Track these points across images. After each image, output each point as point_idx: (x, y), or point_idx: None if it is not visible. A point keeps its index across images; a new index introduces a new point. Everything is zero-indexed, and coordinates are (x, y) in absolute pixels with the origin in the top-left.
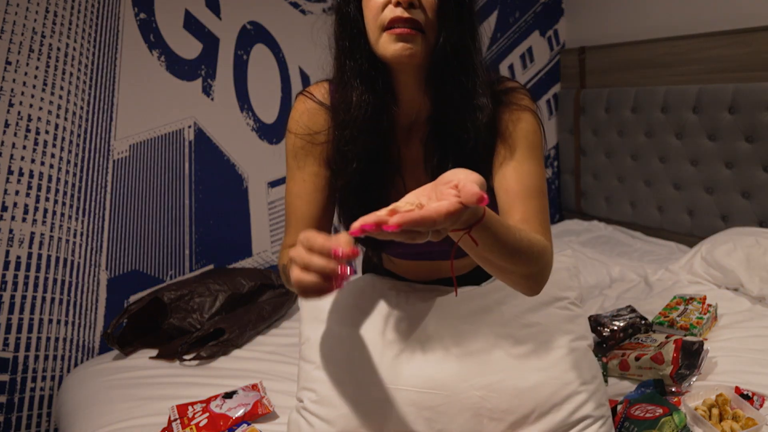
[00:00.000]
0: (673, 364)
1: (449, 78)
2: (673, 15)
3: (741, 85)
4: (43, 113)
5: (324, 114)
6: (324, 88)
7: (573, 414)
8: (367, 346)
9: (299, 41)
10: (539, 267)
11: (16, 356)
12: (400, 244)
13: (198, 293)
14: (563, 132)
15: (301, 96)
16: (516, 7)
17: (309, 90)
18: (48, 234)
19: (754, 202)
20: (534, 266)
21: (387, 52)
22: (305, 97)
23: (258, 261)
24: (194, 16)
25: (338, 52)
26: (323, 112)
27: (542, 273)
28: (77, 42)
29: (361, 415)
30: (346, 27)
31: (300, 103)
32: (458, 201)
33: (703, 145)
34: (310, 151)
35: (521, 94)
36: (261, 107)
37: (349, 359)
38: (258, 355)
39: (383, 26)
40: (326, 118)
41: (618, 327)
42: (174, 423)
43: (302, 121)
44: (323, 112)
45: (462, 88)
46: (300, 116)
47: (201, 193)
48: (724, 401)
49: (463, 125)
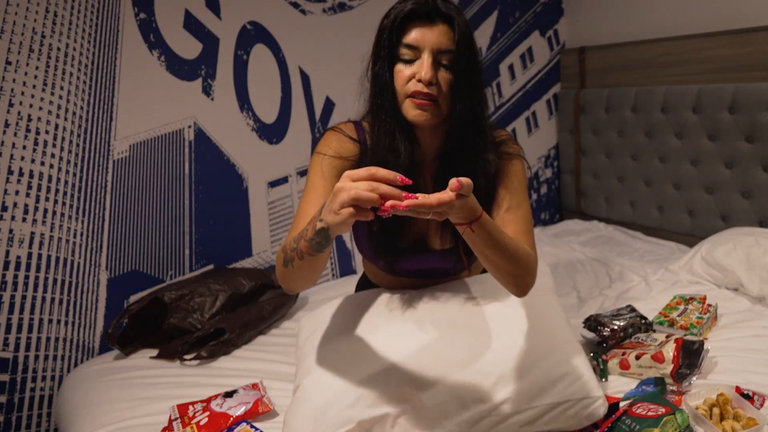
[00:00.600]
0: (673, 363)
1: (460, 135)
2: (673, 15)
3: (741, 85)
4: (43, 113)
5: (351, 145)
6: (350, 126)
7: (556, 368)
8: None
9: (299, 41)
10: (525, 269)
11: (16, 356)
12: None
13: (198, 293)
14: (563, 132)
15: (331, 130)
16: (516, 7)
17: (339, 127)
18: (48, 234)
19: (754, 202)
20: (520, 267)
21: (408, 115)
22: (335, 131)
23: (258, 261)
24: (194, 16)
25: (374, 107)
26: (351, 144)
27: (528, 275)
28: (77, 42)
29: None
30: (382, 89)
31: (331, 134)
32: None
33: (703, 145)
34: (336, 172)
35: (511, 143)
36: (261, 107)
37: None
38: (258, 355)
39: (407, 94)
40: (352, 149)
41: (618, 326)
42: (174, 422)
43: (333, 146)
44: (351, 144)
45: (471, 144)
46: (330, 142)
47: (201, 193)
48: (725, 401)
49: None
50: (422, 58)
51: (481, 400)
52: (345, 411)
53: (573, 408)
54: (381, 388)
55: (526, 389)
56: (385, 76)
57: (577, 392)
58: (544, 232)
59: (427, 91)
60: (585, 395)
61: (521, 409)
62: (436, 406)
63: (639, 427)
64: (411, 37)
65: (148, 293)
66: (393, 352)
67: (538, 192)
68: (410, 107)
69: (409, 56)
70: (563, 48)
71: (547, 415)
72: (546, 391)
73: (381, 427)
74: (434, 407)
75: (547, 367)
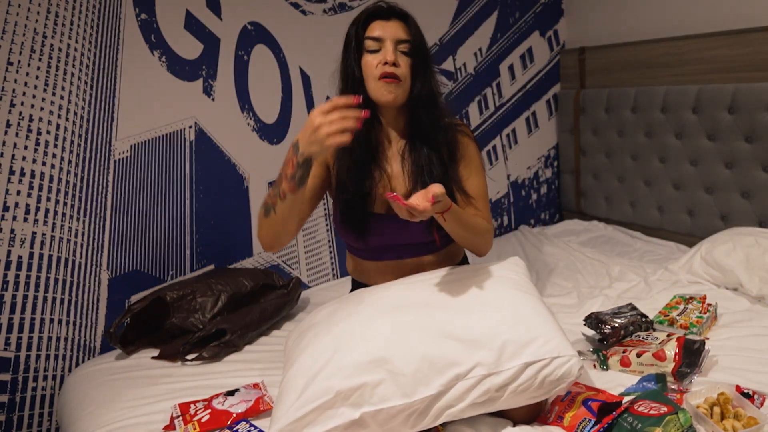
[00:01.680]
0: (675, 362)
1: (422, 110)
2: (673, 15)
3: (741, 85)
4: (44, 113)
5: None
6: None
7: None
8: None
9: (300, 42)
10: (484, 238)
11: (17, 356)
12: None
13: (200, 293)
14: (563, 132)
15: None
16: (516, 7)
17: None
18: (49, 234)
19: (753, 202)
20: (481, 238)
21: (381, 98)
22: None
23: (259, 261)
24: (195, 16)
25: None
26: None
27: (486, 243)
28: (78, 42)
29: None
30: (350, 78)
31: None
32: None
33: (703, 145)
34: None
35: (465, 127)
36: (261, 107)
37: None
38: (260, 356)
39: (377, 77)
40: None
41: (619, 324)
42: (176, 420)
43: None
44: None
45: (430, 116)
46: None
47: (202, 193)
48: (725, 400)
49: (435, 141)
50: (385, 47)
51: (454, 363)
52: (324, 382)
53: (547, 368)
54: (358, 360)
55: (498, 351)
56: (352, 66)
57: (550, 352)
58: (544, 232)
59: (392, 71)
60: (557, 354)
61: (495, 370)
62: (412, 373)
63: (641, 426)
64: (375, 31)
65: (150, 293)
66: (370, 330)
67: (538, 192)
68: (381, 89)
69: (374, 47)
70: (563, 48)
71: (522, 376)
72: (518, 353)
73: (360, 396)
74: (410, 374)
75: (519, 332)
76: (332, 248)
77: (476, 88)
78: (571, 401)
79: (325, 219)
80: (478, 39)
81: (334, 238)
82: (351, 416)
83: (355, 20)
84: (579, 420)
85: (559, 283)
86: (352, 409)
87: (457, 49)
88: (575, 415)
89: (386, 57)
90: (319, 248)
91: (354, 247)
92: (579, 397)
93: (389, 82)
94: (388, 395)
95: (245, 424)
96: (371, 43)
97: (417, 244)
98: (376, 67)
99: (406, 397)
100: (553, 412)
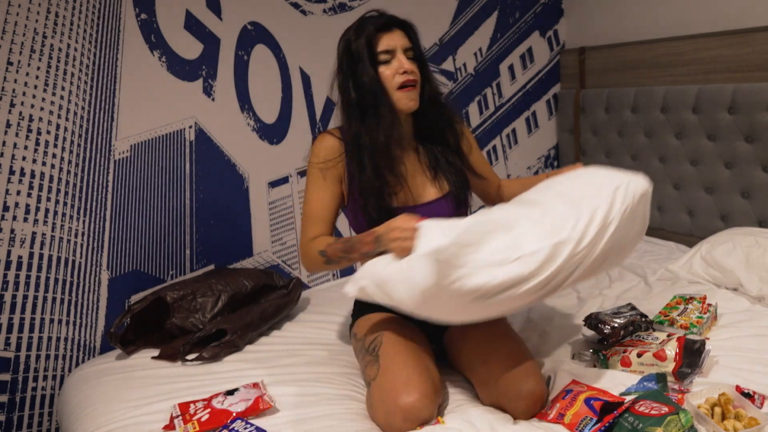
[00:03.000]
0: (675, 362)
1: (430, 109)
2: (673, 15)
3: (740, 86)
4: (44, 113)
5: (335, 142)
6: (335, 130)
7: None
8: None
9: (300, 42)
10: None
11: (17, 356)
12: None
13: (201, 293)
14: (563, 132)
15: (319, 136)
16: (516, 7)
17: (327, 131)
18: (49, 234)
19: (753, 202)
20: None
21: (403, 106)
22: (321, 136)
23: (258, 261)
24: (195, 16)
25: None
26: (335, 141)
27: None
28: (78, 42)
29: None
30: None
31: (317, 142)
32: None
33: (703, 146)
34: (329, 174)
35: (460, 117)
36: (261, 107)
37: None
38: (260, 356)
39: (397, 87)
40: (337, 146)
41: (619, 324)
42: (176, 419)
43: (320, 154)
44: (334, 141)
45: (438, 113)
46: (318, 152)
47: (202, 193)
48: (726, 400)
49: (444, 136)
50: (397, 57)
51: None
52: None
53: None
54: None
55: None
56: (372, 80)
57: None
58: None
59: (412, 78)
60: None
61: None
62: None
63: (642, 426)
64: (384, 43)
65: (150, 293)
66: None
67: None
68: (404, 98)
69: (386, 59)
70: (563, 48)
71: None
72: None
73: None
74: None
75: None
76: None
77: (476, 88)
78: (572, 399)
79: None
80: (478, 39)
81: None
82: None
83: (357, 34)
84: (580, 418)
85: None
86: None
87: (457, 49)
88: (576, 413)
89: (403, 66)
90: None
91: None
92: (580, 395)
93: (410, 90)
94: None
95: (241, 422)
96: (384, 56)
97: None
98: (393, 78)
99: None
100: (554, 410)
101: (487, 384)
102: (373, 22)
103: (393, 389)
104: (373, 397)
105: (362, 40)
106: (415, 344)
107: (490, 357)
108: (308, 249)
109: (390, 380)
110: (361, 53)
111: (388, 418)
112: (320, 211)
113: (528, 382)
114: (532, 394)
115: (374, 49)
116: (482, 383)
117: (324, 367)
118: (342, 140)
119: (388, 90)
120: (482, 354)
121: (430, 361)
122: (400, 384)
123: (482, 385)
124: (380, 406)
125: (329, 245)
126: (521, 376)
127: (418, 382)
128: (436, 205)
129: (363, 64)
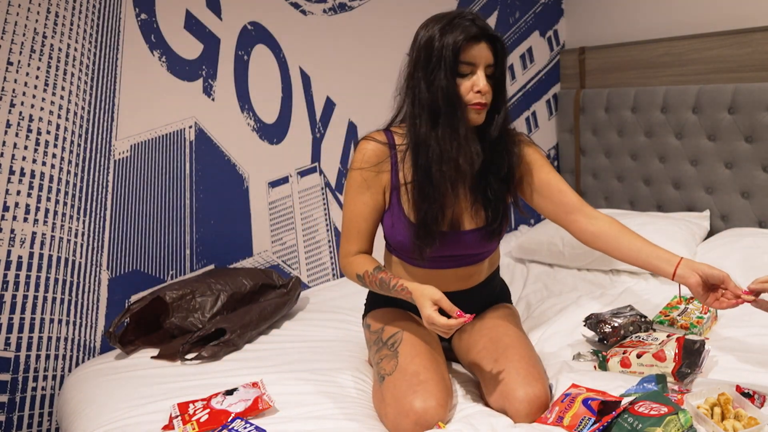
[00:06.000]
0: (675, 362)
1: (493, 128)
2: (673, 15)
3: (741, 85)
4: (44, 113)
5: (383, 149)
6: (381, 134)
7: None
8: None
9: (300, 42)
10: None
11: (17, 356)
12: (445, 244)
13: (200, 292)
14: (563, 132)
15: (363, 140)
16: (516, 7)
17: (370, 135)
18: (49, 234)
19: (753, 202)
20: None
21: (471, 119)
22: (366, 140)
23: (258, 261)
24: (195, 16)
25: (435, 114)
26: (382, 148)
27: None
28: (78, 42)
29: None
30: (451, 100)
31: (363, 145)
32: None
33: (703, 145)
34: (373, 183)
35: (523, 136)
36: (262, 107)
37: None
38: (259, 355)
39: (469, 104)
40: (384, 152)
41: (618, 324)
42: (175, 420)
43: (368, 159)
44: (382, 147)
45: (499, 140)
46: (365, 156)
47: (201, 193)
48: (726, 400)
49: (498, 163)
50: (477, 73)
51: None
52: None
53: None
54: None
55: None
56: (452, 86)
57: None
58: None
59: (483, 101)
60: None
61: None
62: None
63: (641, 426)
64: (469, 54)
65: (149, 292)
66: None
67: None
68: (471, 114)
69: (466, 71)
70: (563, 48)
71: None
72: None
73: None
74: None
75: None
76: (332, 248)
77: None
78: (570, 402)
79: (325, 219)
80: None
81: (334, 239)
82: None
83: (443, 33)
84: (579, 418)
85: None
86: None
87: None
88: (575, 414)
89: (478, 86)
90: (319, 248)
91: (408, 256)
92: (579, 397)
93: (479, 109)
94: None
95: (241, 422)
96: (465, 68)
97: (471, 254)
98: (467, 94)
99: None
100: (554, 413)
101: (494, 382)
102: (464, 30)
103: (410, 390)
104: (386, 393)
105: (448, 42)
106: (431, 348)
107: (501, 356)
108: (346, 265)
109: (408, 380)
110: (443, 57)
111: (397, 419)
112: (360, 222)
113: (535, 386)
114: (537, 398)
115: (458, 57)
116: (489, 381)
117: (324, 366)
118: (388, 145)
119: (462, 102)
120: (494, 353)
121: (444, 367)
122: (419, 387)
123: (489, 383)
124: (392, 404)
125: (367, 273)
126: (530, 380)
127: (435, 389)
128: (469, 236)
129: (442, 69)
